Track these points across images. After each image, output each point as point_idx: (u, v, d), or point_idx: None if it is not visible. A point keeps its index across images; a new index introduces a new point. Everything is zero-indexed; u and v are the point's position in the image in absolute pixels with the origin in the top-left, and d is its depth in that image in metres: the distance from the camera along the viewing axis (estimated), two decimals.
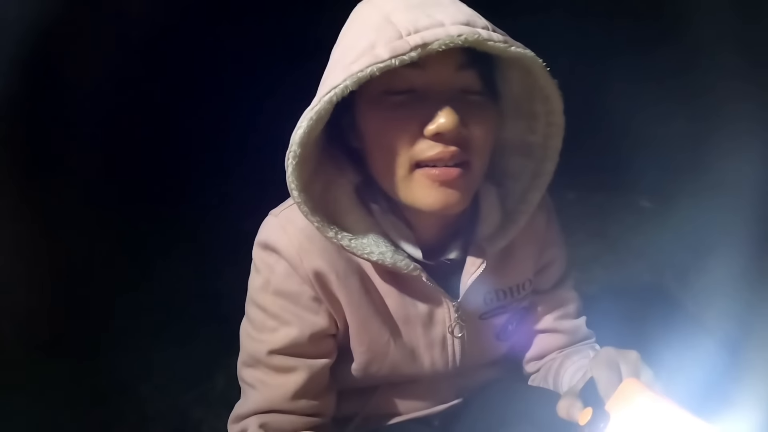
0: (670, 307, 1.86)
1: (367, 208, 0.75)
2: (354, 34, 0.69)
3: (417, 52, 0.60)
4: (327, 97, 0.62)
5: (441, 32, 0.61)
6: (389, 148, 0.67)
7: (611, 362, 0.64)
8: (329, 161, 0.74)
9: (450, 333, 0.81)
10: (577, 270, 2.07)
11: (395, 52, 0.61)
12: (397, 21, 0.64)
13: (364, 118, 0.70)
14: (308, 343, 0.77)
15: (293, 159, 0.65)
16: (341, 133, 0.74)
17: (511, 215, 0.80)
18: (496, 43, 0.62)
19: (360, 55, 0.63)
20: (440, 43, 0.60)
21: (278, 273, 0.76)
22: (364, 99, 0.69)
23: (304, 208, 0.68)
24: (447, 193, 0.67)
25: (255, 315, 0.79)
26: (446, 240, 0.79)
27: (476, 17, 0.66)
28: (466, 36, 0.61)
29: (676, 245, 2.16)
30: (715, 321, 1.74)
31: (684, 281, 2.00)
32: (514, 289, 0.85)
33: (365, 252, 0.71)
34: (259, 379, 0.78)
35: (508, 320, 0.87)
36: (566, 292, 0.93)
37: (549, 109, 0.73)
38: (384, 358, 0.80)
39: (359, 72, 0.61)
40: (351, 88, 0.62)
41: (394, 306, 0.79)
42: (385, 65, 0.60)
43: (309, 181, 0.69)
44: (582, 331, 0.94)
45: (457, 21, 0.63)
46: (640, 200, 2.64)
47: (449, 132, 0.64)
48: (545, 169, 0.78)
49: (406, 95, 0.67)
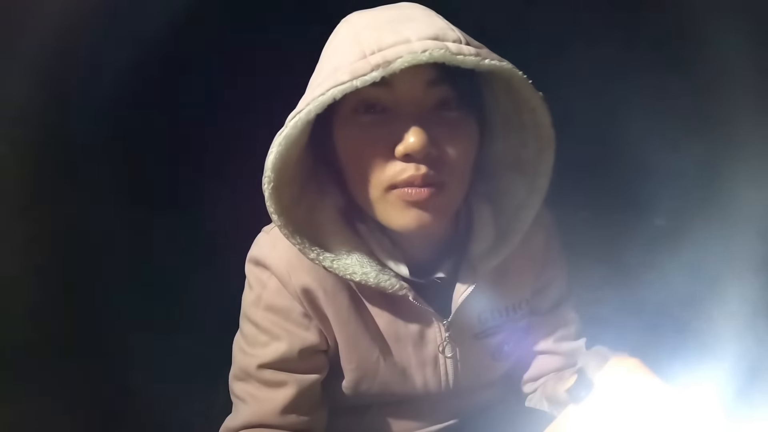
0: (682, 333, 1.82)
1: (354, 228, 0.74)
2: (326, 54, 0.69)
3: (378, 71, 0.60)
4: (292, 122, 0.63)
5: (404, 49, 0.60)
6: (362, 170, 0.67)
7: (600, 354, 0.65)
8: (314, 182, 0.74)
9: (441, 353, 0.80)
10: (587, 291, 2.06)
11: (355, 73, 0.60)
12: (363, 40, 0.63)
13: (337, 139, 0.70)
14: (298, 358, 0.77)
15: (268, 184, 0.65)
16: (326, 153, 0.74)
17: (504, 233, 0.78)
18: (467, 56, 0.61)
19: (324, 78, 0.63)
20: (402, 61, 0.59)
21: (269, 289, 0.77)
22: (337, 119, 0.69)
23: (285, 230, 0.68)
24: (420, 214, 0.67)
25: (247, 330, 0.80)
26: (437, 258, 0.78)
27: (448, 30, 0.64)
28: (431, 51, 0.59)
29: (691, 269, 2.12)
30: (728, 348, 1.70)
31: (697, 307, 1.95)
32: (510, 308, 0.84)
33: (348, 272, 0.71)
34: (250, 393, 0.79)
35: (504, 340, 0.85)
36: (566, 313, 0.91)
37: (536, 122, 0.71)
38: (374, 377, 0.79)
39: (321, 95, 0.61)
40: (315, 111, 0.62)
41: (384, 324, 0.78)
42: (345, 87, 0.60)
43: (292, 203, 0.70)
44: (580, 353, 0.92)
45: (424, 36, 0.62)
46: (654, 220, 2.60)
47: (418, 153, 0.63)
48: (538, 185, 0.76)
49: (376, 115, 0.66)
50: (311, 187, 0.74)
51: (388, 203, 0.67)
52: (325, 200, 0.74)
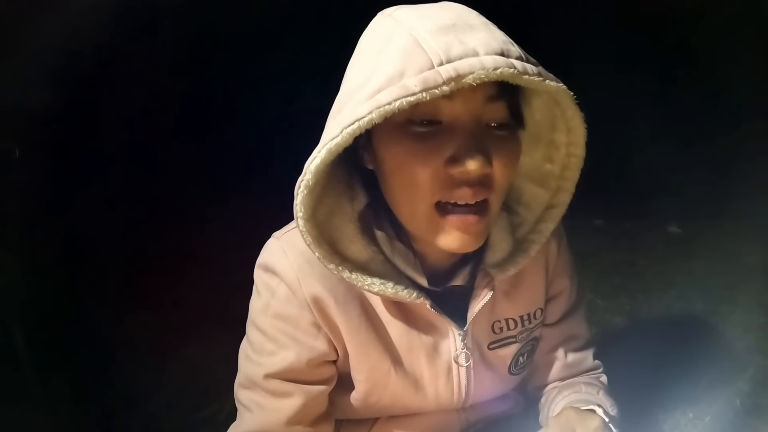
0: (701, 340, 1.78)
1: (371, 235, 0.72)
2: (377, 53, 0.64)
3: (450, 86, 0.57)
4: (350, 129, 0.59)
5: (476, 64, 0.57)
6: (409, 181, 0.64)
7: (568, 427, 0.64)
8: (335, 183, 0.71)
9: (455, 362, 0.78)
10: (602, 299, 2.03)
11: (426, 84, 0.56)
12: (427, 46, 0.59)
13: (384, 145, 0.66)
14: (305, 368, 0.74)
15: (305, 188, 0.62)
16: (352, 152, 0.69)
17: (522, 245, 0.76)
18: (531, 76, 0.58)
19: (387, 83, 0.59)
20: (474, 77, 0.56)
21: (278, 296, 0.74)
22: (385, 125, 0.63)
23: (308, 238, 0.66)
24: (464, 238, 0.65)
25: (254, 337, 0.77)
26: (454, 266, 0.76)
27: (510, 44, 0.62)
28: (502, 70, 0.57)
29: (707, 274, 2.09)
30: (748, 355, 1.66)
31: (715, 312, 1.91)
32: (525, 318, 0.82)
33: (366, 283, 0.69)
34: (256, 402, 0.77)
35: (519, 351, 0.83)
36: (575, 323, 0.88)
37: (571, 141, 0.70)
38: (384, 388, 0.77)
39: (387, 105, 0.57)
40: (377, 120, 0.58)
41: (397, 334, 0.76)
42: (416, 99, 0.57)
43: (315, 206, 0.67)
44: (587, 363, 0.89)
45: (492, 50, 0.59)
46: (669, 226, 2.57)
47: (477, 172, 0.61)
48: (560, 201, 0.75)
49: (430, 126, 0.63)
50: (334, 189, 0.71)
51: (432, 222, 0.65)
52: (344, 207, 0.72)
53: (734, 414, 1.42)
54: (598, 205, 2.57)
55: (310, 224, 0.65)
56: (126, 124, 1.98)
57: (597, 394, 0.83)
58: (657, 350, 1.59)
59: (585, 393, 0.83)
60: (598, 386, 0.86)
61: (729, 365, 1.61)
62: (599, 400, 0.81)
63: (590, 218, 2.66)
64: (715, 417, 1.40)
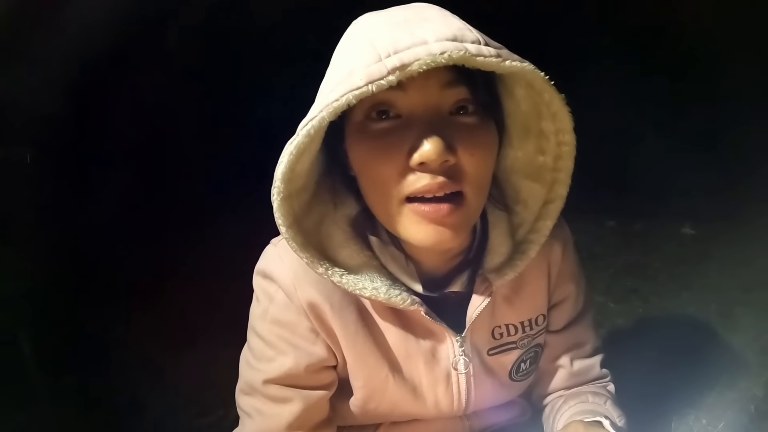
0: (715, 344, 1.75)
1: (364, 240, 0.71)
2: (338, 57, 0.66)
3: (395, 75, 0.56)
4: (304, 130, 0.59)
5: (422, 51, 0.56)
6: (376, 181, 0.63)
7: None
8: (325, 191, 0.71)
9: (454, 368, 0.76)
10: (614, 302, 2.00)
11: (371, 77, 0.56)
12: (377, 42, 0.59)
13: (351, 148, 0.66)
14: (304, 374, 0.74)
15: (277, 195, 0.62)
16: (339, 161, 0.70)
17: (521, 246, 0.74)
18: (488, 58, 0.57)
19: (338, 82, 0.59)
20: (420, 63, 0.55)
21: (276, 302, 0.74)
22: (349, 126, 0.65)
23: (293, 244, 0.65)
24: (438, 230, 0.63)
25: (254, 343, 0.77)
26: (452, 271, 0.74)
27: (466, 30, 0.60)
28: (450, 53, 0.55)
29: (722, 276, 2.05)
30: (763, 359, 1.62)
31: (730, 315, 1.87)
32: (526, 324, 0.80)
33: (357, 287, 0.68)
34: (256, 407, 0.76)
35: (520, 358, 0.81)
36: (582, 331, 0.86)
37: (558, 128, 0.67)
38: (382, 395, 0.76)
39: (334, 102, 0.57)
40: (329, 118, 0.58)
41: (394, 340, 0.75)
42: (361, 92, 0.56)
43: (303, 213, 0.67)
44: (594, 372, 0.87)
45: (442, 37, 0.58)
46: (682, 228, 2.52)
47: (434, 161, 0.59)
48: (557, 195, 0.72)
49: (390, 121, 0.62)
50: (322, 197, 0.71)
51: (404, 216, 0.63)
52: (336, 211, 0.71)
53: (749, 420, 1.39)
54: (610, 207, 2.53)
55: (293, 230, 0.65)
56: (135, 129, 1.99)
57: (604, 404, 0.81)
58: (670, 354, 1.56)
59: (592, 403, 0.81)
60: (605, 396, 0.83)
61: (744, 370, 1.57)
62: (606, 411, 0.79)
63: (602, 220, 2.62)
64: (729, 423, 1.37)
